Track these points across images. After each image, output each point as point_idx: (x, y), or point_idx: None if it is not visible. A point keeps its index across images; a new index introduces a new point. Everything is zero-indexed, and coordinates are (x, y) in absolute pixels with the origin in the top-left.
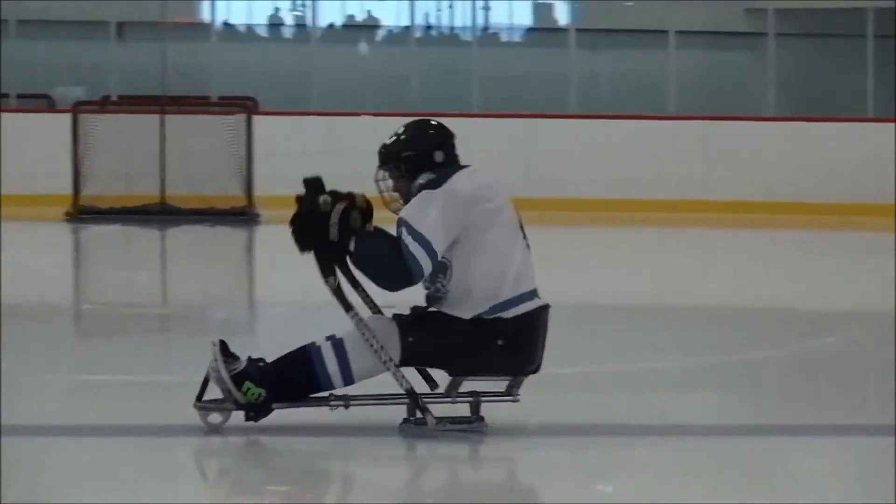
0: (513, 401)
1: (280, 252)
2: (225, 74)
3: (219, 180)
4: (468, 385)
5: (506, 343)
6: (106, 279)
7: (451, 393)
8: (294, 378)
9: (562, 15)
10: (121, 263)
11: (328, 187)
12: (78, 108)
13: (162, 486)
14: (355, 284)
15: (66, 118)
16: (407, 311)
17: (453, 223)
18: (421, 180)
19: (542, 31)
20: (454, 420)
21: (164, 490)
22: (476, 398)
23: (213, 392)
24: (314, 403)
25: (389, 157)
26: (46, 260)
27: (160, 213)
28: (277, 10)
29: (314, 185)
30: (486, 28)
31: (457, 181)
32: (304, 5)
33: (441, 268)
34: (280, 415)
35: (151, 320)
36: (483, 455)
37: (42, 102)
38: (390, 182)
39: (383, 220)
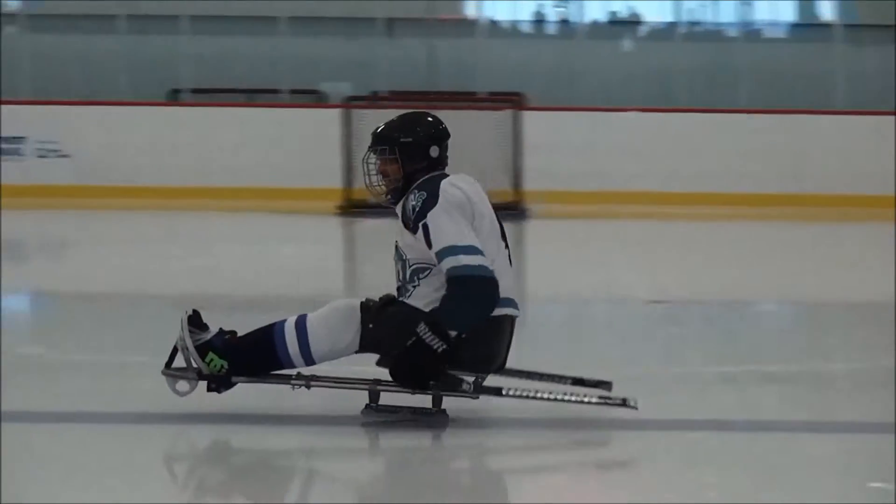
0: (472, 398)
1: (551, 246)
2: (490, 70)
3: (488, 175)
4: None
5: (467, 340)
6: (377, 272)
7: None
8: (257, 353)
9: (826, 10)
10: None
11: None
12: (349, 102)
13: None
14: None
15: (335, 113)
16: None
17: (466, 229)
18: (416, 185)
19: (807, 27)
20: (415, 410)
21: None
22: (436, 392)
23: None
24: (276, 381)
25: (385, 139)
26: (319, 253)
27: None
28: (541, 6)
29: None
30: (749, 24)
31: (447, 188)
32: (566, 3)
33: (422, 271)
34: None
35: None
36: (446, 445)
37: (312, 97)
38: (376, 164)
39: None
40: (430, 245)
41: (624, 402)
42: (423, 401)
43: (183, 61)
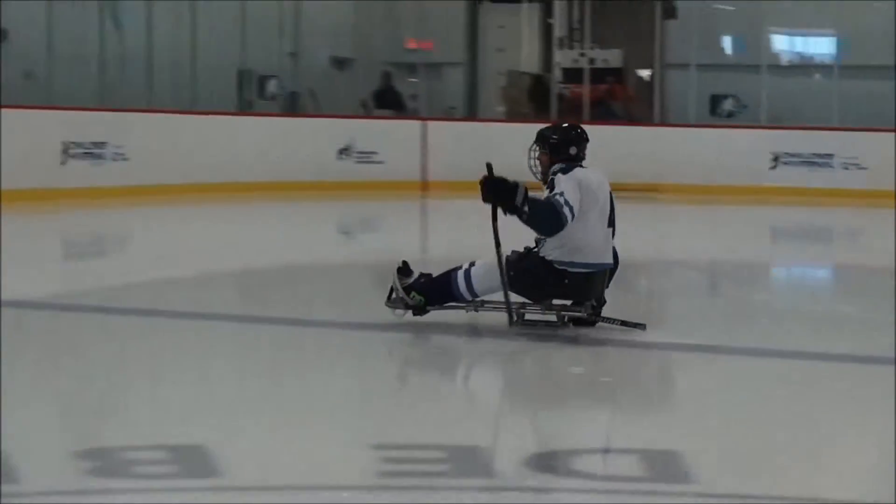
0: (589, 319)
1: None
2: None
3: None
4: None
5: (567, 285)
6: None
7: (544, 306)
8: (441, 290)
9: None
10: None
11: None
12: None
13: None
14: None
15: None
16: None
17: (577, 195)
18: (556, 167)
19: None
20: (547, 322)
21: None
22: (560, 310)
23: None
24: (456, 307)
25: (541, 137)
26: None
27: None
28: None
29: (490, 168)
30: None
31: (578, 172)
32: None
33: None
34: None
35: None
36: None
37: None
38: (537, 153)
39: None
40: (551, 189)
41: (638, 325)
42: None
43: None
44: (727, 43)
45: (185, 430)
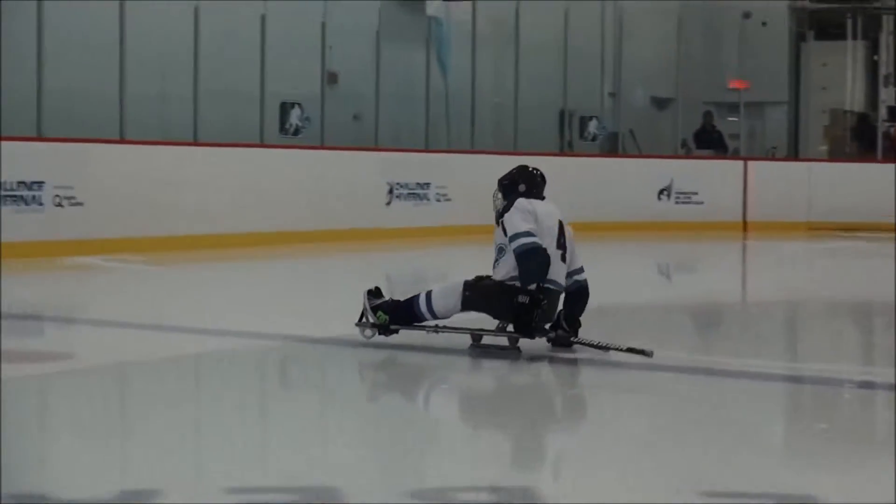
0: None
1: None
2: None
3: None
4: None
5: (522, 302)
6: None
7: (497, 328)
8: (405, 311)
9: None
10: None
11: None
12: None
13: None
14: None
15: None
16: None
17: (525, 221)
18: (500, 206)
19: None
20: (501, 347)
21: None
22: (511, 335)
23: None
24: (417, 328)
25: (497, 183)
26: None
27: None
28: None
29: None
30: None
31: (519, 202)
32: None
33: (500, 252)
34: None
35: None
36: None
37: None
38: (499, 195)
39: None
40: (505, 233)
41: (643, 352)
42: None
43: None
44: None
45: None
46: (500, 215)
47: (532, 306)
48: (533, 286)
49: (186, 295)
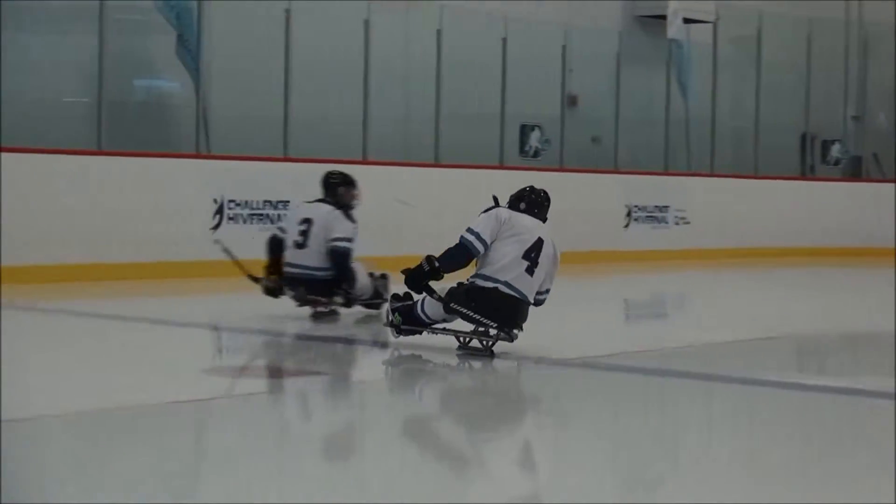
0: (507, 340)
1: None
2: None
3: None
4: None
5: (478, 302)
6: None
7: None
8: (412, 314)
9: None
10: None
11: None
12: None
13: None
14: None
15: None
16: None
17: (489, 225)
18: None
19: None
20: (475, 349)
21: None
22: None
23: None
24: (421, 329)
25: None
26: None
27: None
28: None
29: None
30: None
31: (499, 210)
32: None
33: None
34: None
35: None
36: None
37: None
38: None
39: None
40: None
41: (508, 336)
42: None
43: None
44: None
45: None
46: None
47: (429, 273)
48: (439, 265)
49: None
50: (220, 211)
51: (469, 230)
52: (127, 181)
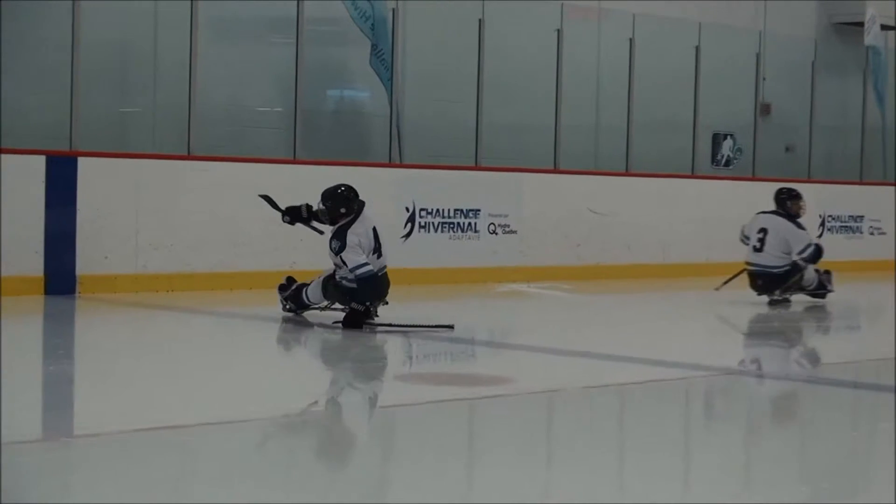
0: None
1: None
2: None
3: None
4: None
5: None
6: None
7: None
8: (299, 297)
9: None
10: None
11: None
12: None
13: None
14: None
15: None
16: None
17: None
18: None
19: None
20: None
21: None
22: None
23: None
24: (308, 309)
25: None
26: None
27: None
28: None
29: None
30: None
31: (350, 239)
32: None
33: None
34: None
35: None
36: None
37: None
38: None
39: None
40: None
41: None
42: None
43: None
44: None
45: None
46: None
47: (364, 314)
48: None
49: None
50: (411, 219)
51: (358, 266)
52: (319, 190)
